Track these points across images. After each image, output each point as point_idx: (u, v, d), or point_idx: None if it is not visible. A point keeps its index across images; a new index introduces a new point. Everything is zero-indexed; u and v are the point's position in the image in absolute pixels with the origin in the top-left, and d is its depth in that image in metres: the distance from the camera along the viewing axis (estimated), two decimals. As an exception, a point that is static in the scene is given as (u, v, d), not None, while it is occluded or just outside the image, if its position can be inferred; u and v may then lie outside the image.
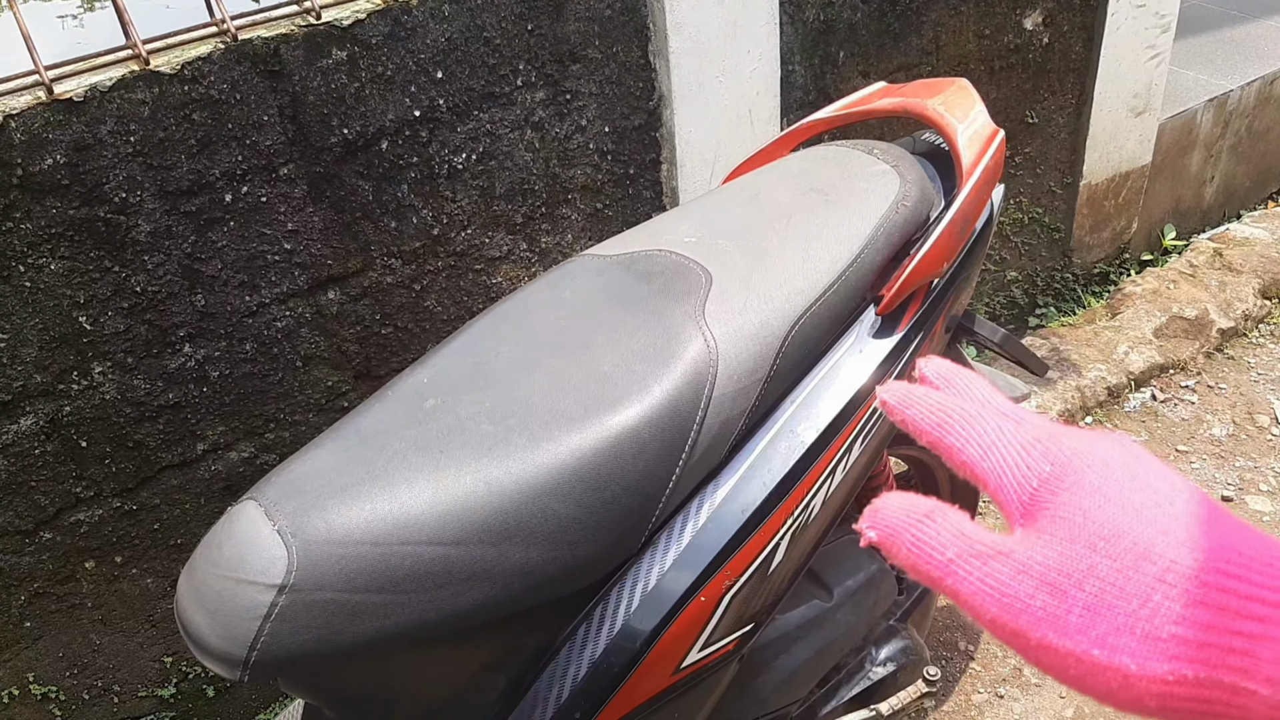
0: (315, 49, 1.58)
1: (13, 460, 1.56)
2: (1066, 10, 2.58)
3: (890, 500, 0.49)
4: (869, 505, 0.50)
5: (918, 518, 0.48)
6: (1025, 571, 0.45)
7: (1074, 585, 0.43)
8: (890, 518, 0.49)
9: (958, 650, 2.13)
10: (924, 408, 0.52)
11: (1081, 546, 0.44)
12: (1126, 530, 0.44)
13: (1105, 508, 0.45)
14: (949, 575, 0.46)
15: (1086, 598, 0.43)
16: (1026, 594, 0.44)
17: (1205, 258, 3.08)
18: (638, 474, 1.01)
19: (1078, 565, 0.44)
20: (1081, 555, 0.44)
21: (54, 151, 1.43)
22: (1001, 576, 0.45)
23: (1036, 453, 0.48)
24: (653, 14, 1.89)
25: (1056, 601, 0.43)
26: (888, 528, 0.48)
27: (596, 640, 1.06)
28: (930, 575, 0.47)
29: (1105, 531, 0.44)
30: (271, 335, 1.71)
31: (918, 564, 0.47)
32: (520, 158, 1.86)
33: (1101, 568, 0.43)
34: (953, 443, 0.50)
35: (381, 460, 0.96)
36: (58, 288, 1.50)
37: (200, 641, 0.89)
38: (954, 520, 0.48)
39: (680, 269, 1.15)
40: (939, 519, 0.48)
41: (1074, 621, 0.43)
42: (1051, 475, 0.47)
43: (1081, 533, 0.44)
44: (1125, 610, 0.42)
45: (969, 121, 1.35)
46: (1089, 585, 0.43)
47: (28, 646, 1.70)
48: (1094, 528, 0.44)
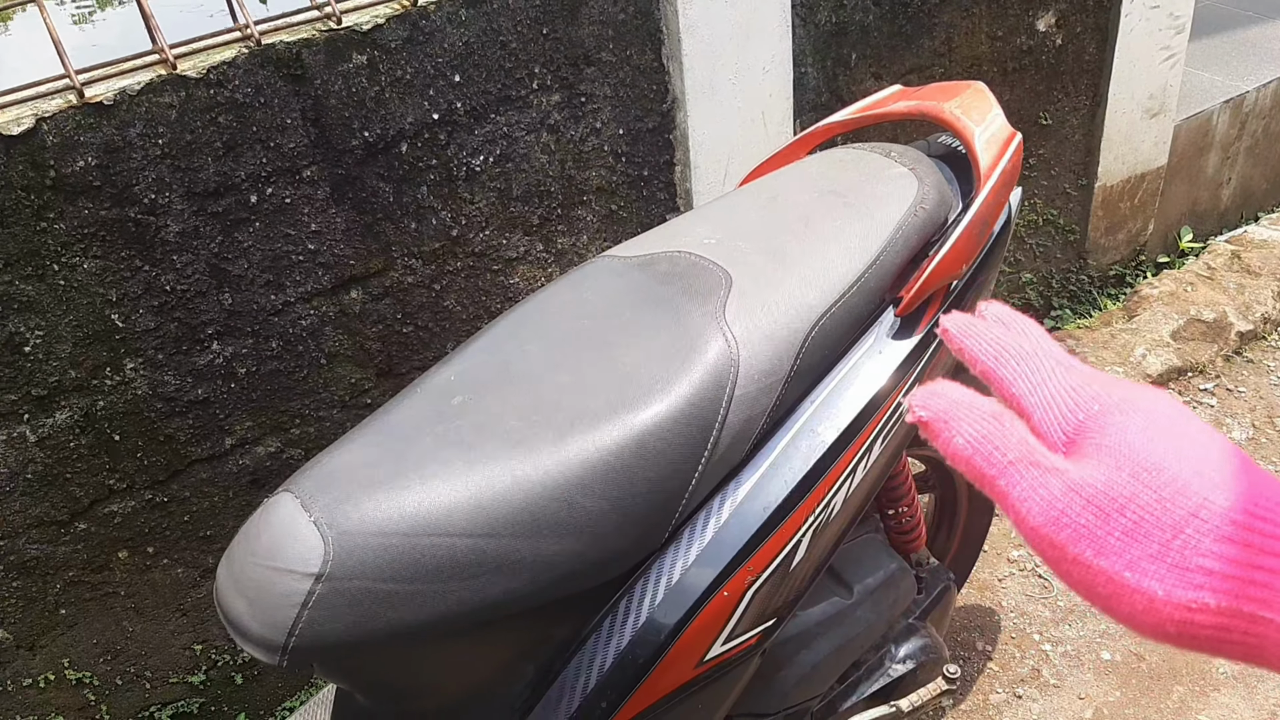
0: (336, 53, 1.61)
1: (49, 453, 1.59)
2: (1079, 11, 2.58)
3: (949, 388, 0.51)
4: (922, 386, 0.52)
5: (984, 415, 0.50)
6: (1075, 490, 0.47)
7: (1116, 510, 0.46)
8: (950, 406, 0.50)
9: (976, 650, 2.14)
10: (982, 340, 0.54)
11: (1126, 475, 0.46)
12: (1167, 466, 0.46)
13: (1148, 445, 0.47)
14: (1003, 476, 0.49)
15: (1126, 523, 0.46)
16: (1073, 511, 0.47)
17: (1223, 260, 3.06)
18: (661, 470, 1.02)
19: (1121, 491, 0.46)
20: (1125, 483, 0.46)
21: (85, 154, 1.46)
22: (1054, 489, 0.47)
23: (1086, 394, 0.51)
24: (666, 17, 1.91)
25: (1099, 522, 0.46)
26: (944, 414, 0.50)
27: (622, 633, 1.07)
28: (984, 473, 0.49)
29: (1148, 464, 0.46)
30: (296, 333, 1.73)
31: (973, 459, 0.49)
32: (536, 160, 1.88)
33: (1142, 497, 0.46)
34: (1004, 375, 0.53)
35: (412, 455, 0.98)
36: (90, 286, 1.52)
37: (241, 628, 0.91)
38: (1019, 427, 0.50)
39: (700, 270, 1.17)
40: (1005, 422, 0.50)
41: (1112, 543, 0.46)
42: (1099, 413, 0.49)
43: (1126, 462, 0.47)
44: (1159, 539, 0.45)
45: (986, 124, 1.36)
46: (1130, 512, 0.46)
47: (63, 633, 1.73)
48: (1139, 459, 0.47)
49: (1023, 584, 2.27)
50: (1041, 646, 2.14)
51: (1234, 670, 2.06)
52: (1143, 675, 2.07)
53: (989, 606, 2.23)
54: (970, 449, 0.49)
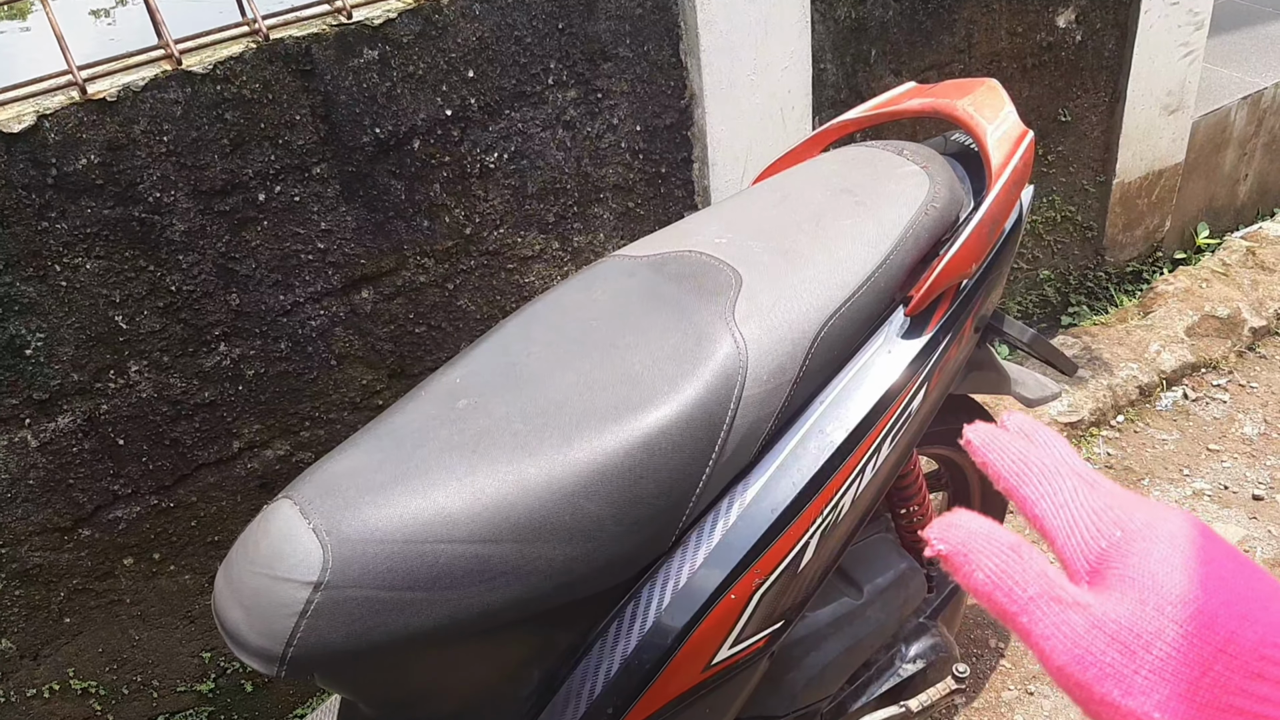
0: (347, 48, 1.59)
1: (51, 458, 1.59)
2: (1099, 8, 2.56)
3: (968, 520, 0.49)
4: (941, 518, 0.50)
5: (1002, 548, 0.48)
6: (1099, 626, 0.45)
7: (1142, 647, 0.44)
8: (969, 539, 0.49)
9: (988, 647, 2.13)
10: (1006, 455, 0.52)
11: (1151, 609, 0.44)
12: (1193, 599, 0.44)
13: (1173, 575, 0.45)
14: (1025, 613, 0.47)
15: (1153, 660, 0.43)
16: (1098, 649, 0.45)
17: (1238, 256, 3.06)
18: (669, 473, 1.01)
19: (1147, 627, 0.44)
20: (1151, 618, 0.44)
21: (88, 151, 1.45)
22: (1077, 627, 0.45)
23: (1108, 519, 0.49)
24: (684, 12, 1.89)
25: (1126, 661, 0.44)
26: (964, 548, 0.48)
27: (628, 637, 1.07)
28: (1004, 609, 0.47)
29: (1173, 597, 0.44)
30: (306, 334, 1.73)
31: (994, 595, 0.47)
32: (552, 157, 1.87)
33: (1168, 632, 0.44)
34: (1027, 494, 0.51)
35: (415, 459, 0.97)
36: (93, 287, 1.52)
37: (238, 637, 0.90)
38: (1039, 559, 0.48)
39: (710, 269, 1.16)
40: (1024, 554, 0.48)
41: (1139, 682, 0.43)
42: (1122, 540, 0.48)
43: (1151, 596, 0.45)
44: (1188, 677, 0.42)
45: (998, 122, 1.35)
46: (1156, 648, 0.44)
47: (68, 642, 1.73)
48: (1163, 592, 0.45)
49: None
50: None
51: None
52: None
53: (1003, 606, 2.21)
54: (990, 584, 0.48)
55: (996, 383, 1.60)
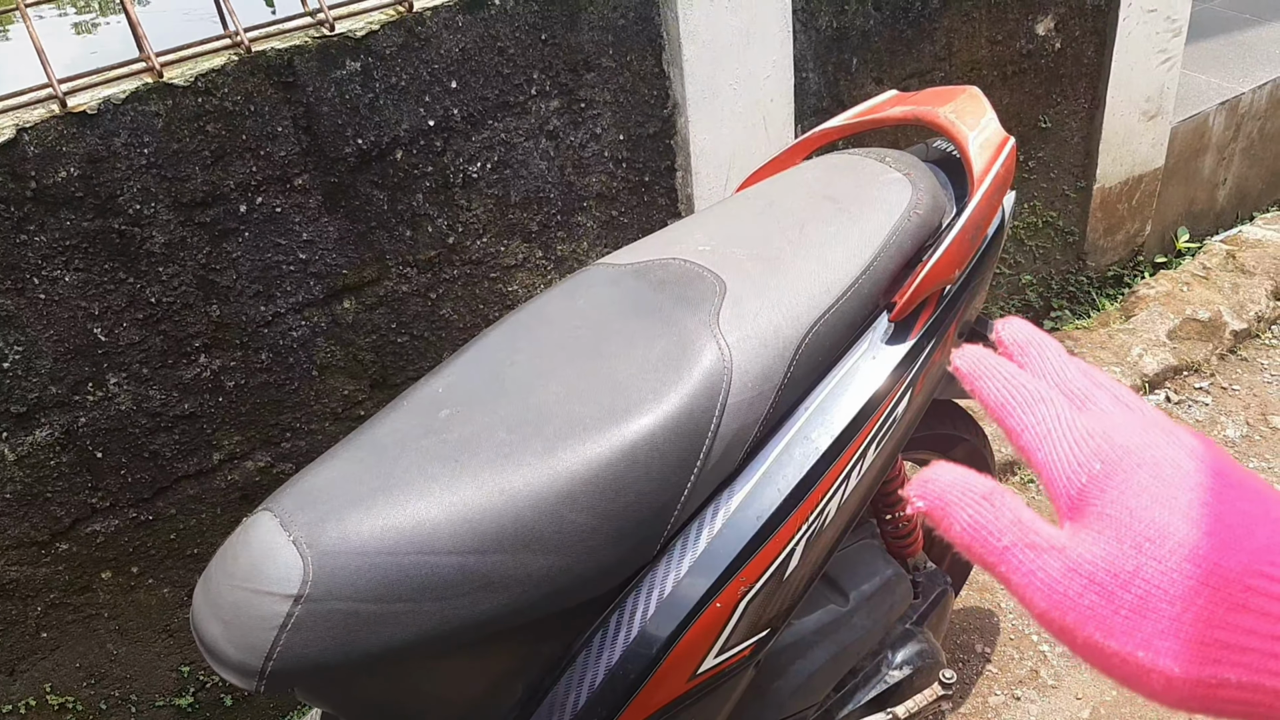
0: (329, 60, 1.59)
1: (29, 471, 1.57)
2: (1078, 15, 2.57)
3: (944, 472, 0.49)
4: (920, 473, 0.49)
5: (975, 498, 0.48)
6: (1075, 569, 0.45)
7: (1120, 586, 0.43)
8: (945, 491, 0.48)
9: (974, 653, 2.13)
10: (993, 382, 0.51)
11: (1128, 547, 0.44)
12: (1172, 531, 0.43)
13: (1152, 508, 0.44)
14: (1002, 562, 0.46)
15: (1132, 599, 0.43)
16: (1075, 592, 0.44)
17: (1218, 260, 3.07)
18: (653, 481, 1.01)
19: (1124, 566, 0.43)
20: (1128, 556, 0.44)
21: (67, 164, 1.44)
22: (1053, 572, 0.45)
23: (1088, 449, 0.48)
24: (666, 23, 1.89)
25: (1104, 602, 0.43)
26: (941, 500, 0.48)
27: (613, 647, 1.06)
28: (983, 559, 0.47)
29: (1151, 533, 0.44)
30: (287, 345, 1.72)
31: (971, 545, 0.47)
32: (535, 166, 1.86)
33: (1146, 569, 0.43)
34: (1013, 425, 0.50)
35: (397, 470, 0.96)
36: (72, 299, 1.51)
37: (216, 652, 0.89)
38: (1012, 505, 0.47)
39: (694, 277, 1.16)
40: (998, 502, 0.47)
41: (1119, 623, 0.43)
42: (1101, 473, 0.47)
43: (1128, 533, 0.44)
44: (1169, 614, 0.42)
45: (980, 129, 1.35)
46: (1135, 587, 0.43)
47: (45, 657, 1.71)
48: (1140, 528, 0.44)
49: (1022, 589, 2.26)
50: (1040, 648, 2.13)
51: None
52: (1143, 679, 2.05)
53: (988, 608, 2.22)
54: (968, 535, 0.47)
55: None
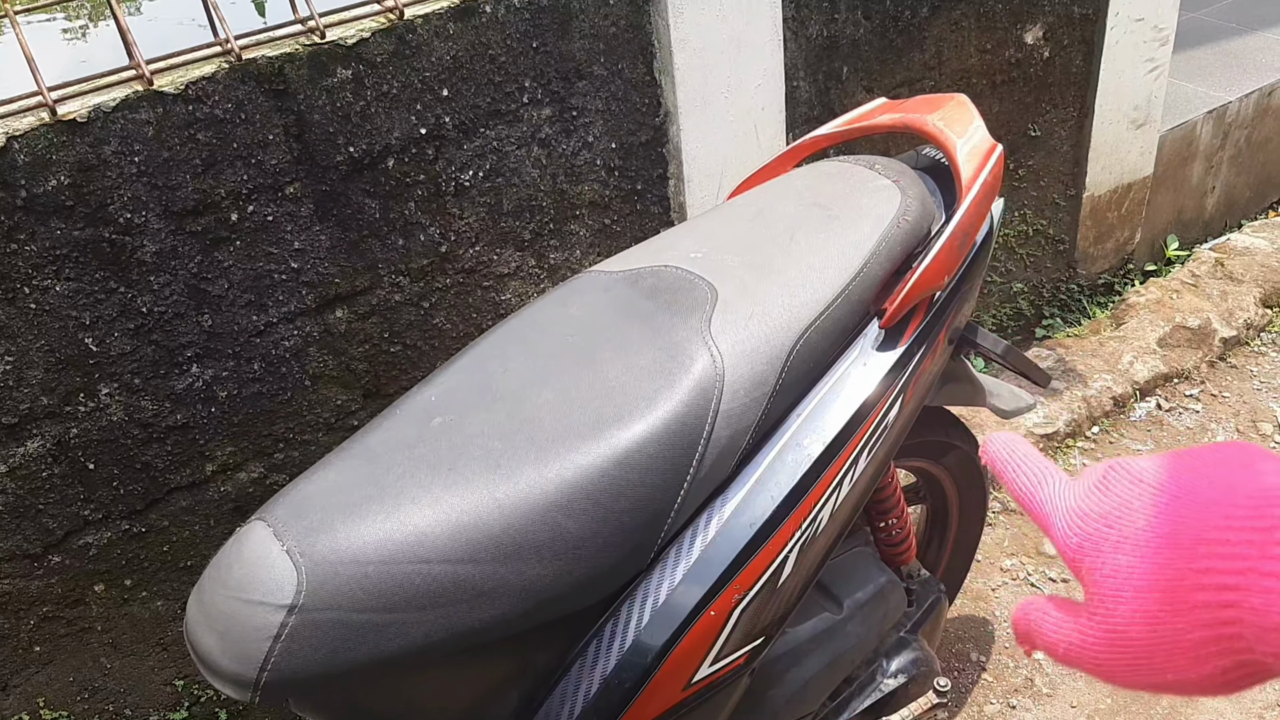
0: (320, 68, 1.59)
1: (20, 483, 1.57)
2: (1066, 24, 2.58)
3: (1018, 613, 0.61)
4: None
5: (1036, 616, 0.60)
6: (1097, 643, 0.55)
7: (1127, 640, 0.53)
8: (1026, 625, 0.61)
9: (970, 661, 2.13)
10: (1017, 471, 0.63)
11: (1110, 603, 0.54)
12: (1136, 574, 0.52)
13: (1119, 561, 0.54)
14: (1063, 658, 0.57)
15: (1143, 646, 0.52)
16: (1109, 663, 0.54)
17: (1207, 267, 3.09)
18: (646, 489, 1.01)
19: (1118, 624, 0.53)
20: (1122, 621, 0.53)
21: (58, 172, 1.44)
22: (1092, 651, 0.55)
23: (1073, 527, 0.57)
24: (657, 31, 1.90)
25: (1125, 659, 0.53)
26: (1025, 635, 0.61)
27: (607, 656, 1.06)
28: (1053, 657, 0.58)
29: (1126, 585, 0.53)
30: (279, 354, 1.71)
31: (1043, 650, 0.60)
32: (527, 174, 1.87)
33: (1133, 631, 0.53)
34: (1031, 508, 0.61)
35: (390, 479, 0.96)
36: (63, 309, 1.50)
37: (210, 663, 0.89)
38: (1052, 613, 0.59)
39: (686, 284, 1.16)
40: (1044, 610, 0.59)
41: (1143, 666, 0.53)
42: (1078, 546, 0.56)
43: (1108, 592, 0.54)
44: (1170, 642, 0.51)
45: (968, 136, 1.36)
46: (1134, 634, 0.53)
47: (38, 671, 1.70)
48: (1115, 583, 0.54)
49: (1016, 594, 2.26)
50: (1035, 656, 2.13)
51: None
52: (1136, 686, 2.06)
53: (982, 617, 2.22)
54: (1042, 647, 0.59)
55: (971, 395, 1.61)
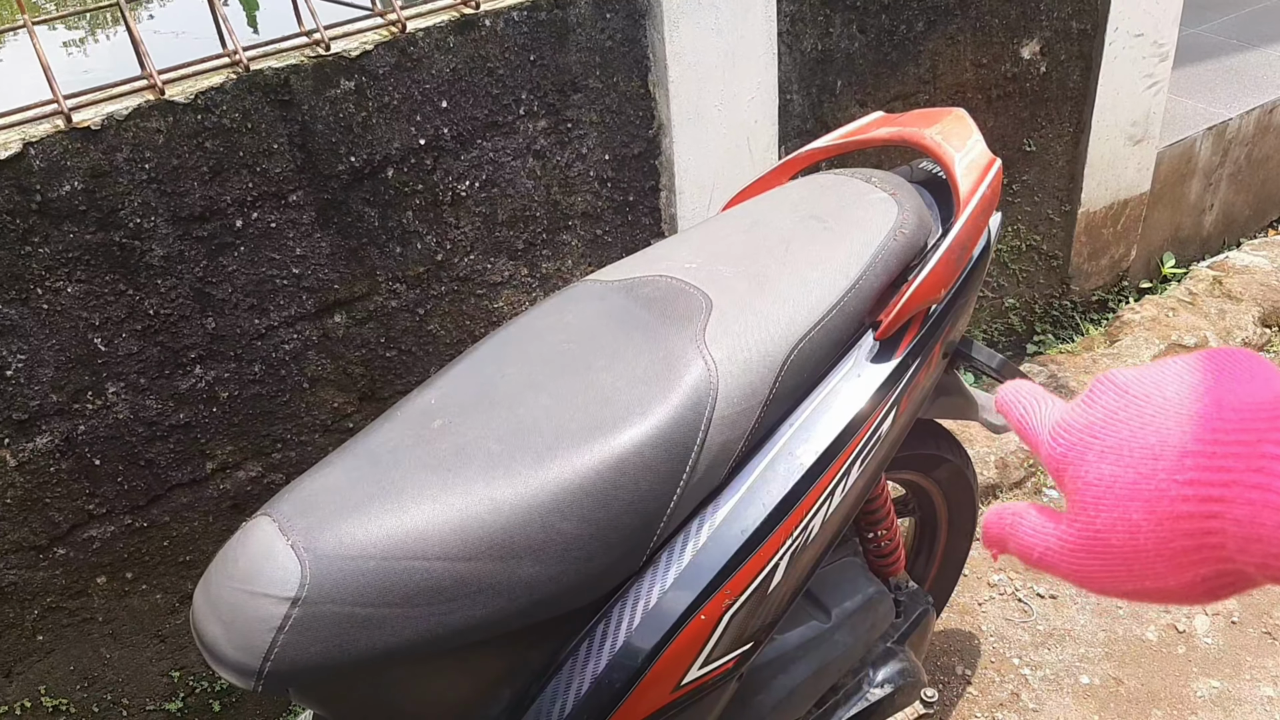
0: (324, 79, 1.62)
1: (29, 477, 1.59)
2: (1064, 39, 2.60)
3: (989, 517, 0.63)
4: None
5: (1011, 523, 0.61)
6: (1078, 550, 0.55)
7: (1106, 548, 0.54)
8: (997, 530, 0.62)
9: (955, 674, 2.14)
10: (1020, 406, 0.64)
11: (1090, 511, 0.54)
12: (1119, 483, 0.53)
13: (1101, 470, 0.54)
14: (1042, 565, 0.59)
15: (1120, 554, 0.53)
16: (1089, 570, 0.55)
17: (1204, 285, 3.08)
18: (640, 493, 1.03)
19: (1099, 531, 0.54)
20: (1097, 525, 0.54)
21: (71, 178, 1.46)
22: (1073, 561, 0.56)
23: (1057, 438, 0.58)
24: (652, 44, 1.92)
25: (1104, 567, 0.54)
26: (998, 541, 0.62)
27: (599, 656, 1.08)
28: (1033, 567, 0.60)
29: (1106, 497, 0.54)
30: (279, 357, 1.74)
31: (1023, 559, 0.61)
32: (522, 185, 1.89)
33: (1118, 527, 0.53)
34: (1026, 435, 0.62)
35: (391, 478, 0.98)
36: (74, 310, 1.53)
37: (216, 652, 0.91)
38: (1032, 519, 0.60)
39: (681, 294, 1.17)
40: (1023, 519, 0.60)
41: (1121, 573, 0.54)
42: (1061, 455, 0.57)
43: (1089, 501, 0.55)
44: (1149, 549, 0.52)
45: (966, 150, 1.36)
46: (1114, 542, 0.53)
47: (40, 660, 1.73)
48: (1095, 493, 0.54)
49: (1002, 608, 2.27)
50: (1021, 670, 2.15)
51: (1212, 694, 2.07)
52: (1121, 699, 2.08)
53: (969, 630, 2.23)
54: (1019, 555, 0.60)
55: (964, 408, 1.62)
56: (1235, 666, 2.13)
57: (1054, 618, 2.25)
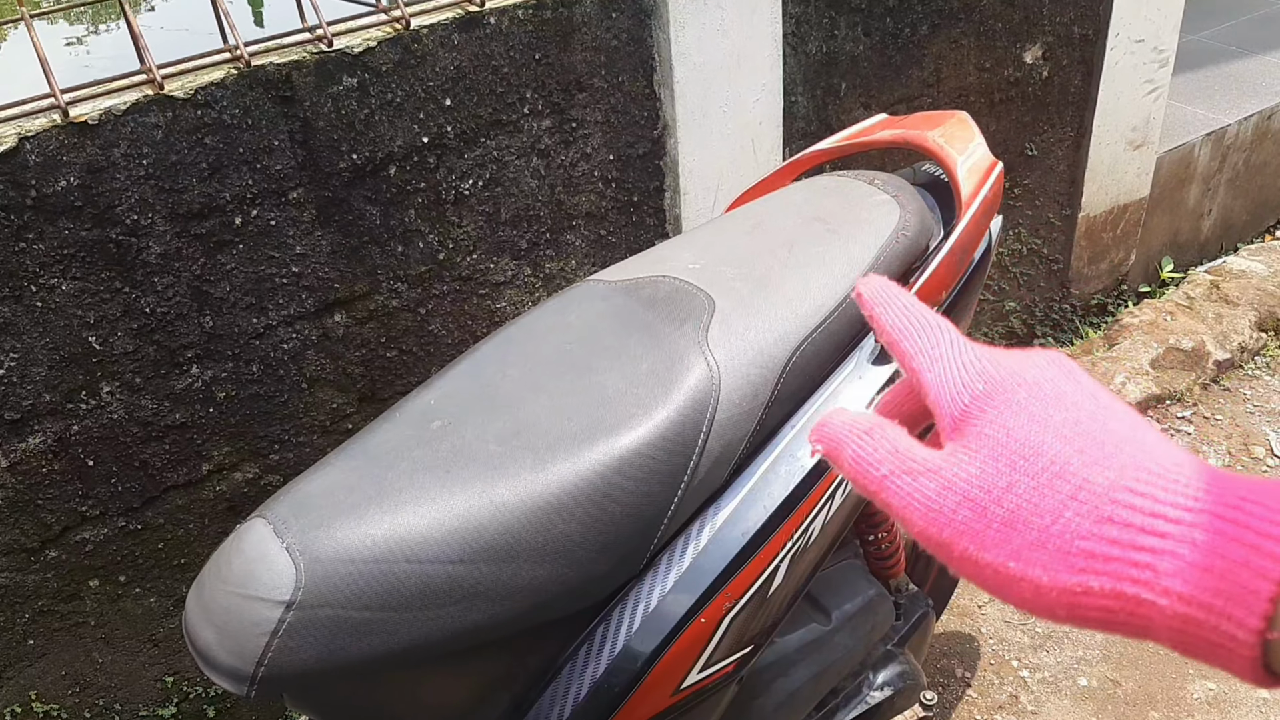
0: (326, 75, 1.61)
1: (20, 478, 1.58)
2: (1066, 45, 2.60)
3: (835, 415, 0.53)
4: (819, 420, 0.53)
5: (858, 433, 0.51)
6: (950, 488, 0.47)
7: (993, 501, 0.46)
8: (834, 431, 0.52)
9: (955, 677, 2.14)
10: (891, 310, 0.55)
11: (1002, 464, 0.47)
12: (1045, 449, 0.46)
13: (1027, 426, 0.47)
14: (883, 490, 0.50)
15: (1004, 513, 0.45)
16: (950, 509, 0.47)
17: (1202, 290, 3.10)
18: (640, 495, 1.02)
19: (997, 482, 0.46)
20: (1001, 472, 0.46)
21: (68, 173, 1.45)
22: (929, 492, 0.48)
23: (973, 371, 0.51)
24: (658, 45, 1.91)
25: (976, 517, 0.46)
26: (832, 441, 0.52)
27: (598, 660, 1.07)
28: (866, 488, 0.50)
29: (1025, 450, 0.46)
30: (278, 357, 1.73)
31: (857, 478, 0.51)
32: (526, 184, 1.88)
33: (1019, 485, 0.46)
34: (906, 349, 0.54)
35: (389, 479, 0.97)
36: (68, 308, 1.52)
37: (208, 657, 0.90)
38: (890, 436, 0.51)
39: (684, 295, 1.17)
40: (877, 435, 0.51)
41: (992, 536, 0.45)
42: (983, 393, 0.50)
43: (1003, 450, 0.47)
44: (1039, 525, 0.44)
45: (968, 153, 1.36)
46: (1007, 501, 0.46)
47: (31, 664, 1.71)
48: (1015, 446, 0.47)
49: (1001, 611, 2.27)
50: (1020, 673, 2.14)
51: (1209, 695, 2.07)
52: (1119, 701, 2.07)
53: (968, 633, 2.23)
54: (854, 468, 0.51)
55: None
56: (1233, 671, 2.13)
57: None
